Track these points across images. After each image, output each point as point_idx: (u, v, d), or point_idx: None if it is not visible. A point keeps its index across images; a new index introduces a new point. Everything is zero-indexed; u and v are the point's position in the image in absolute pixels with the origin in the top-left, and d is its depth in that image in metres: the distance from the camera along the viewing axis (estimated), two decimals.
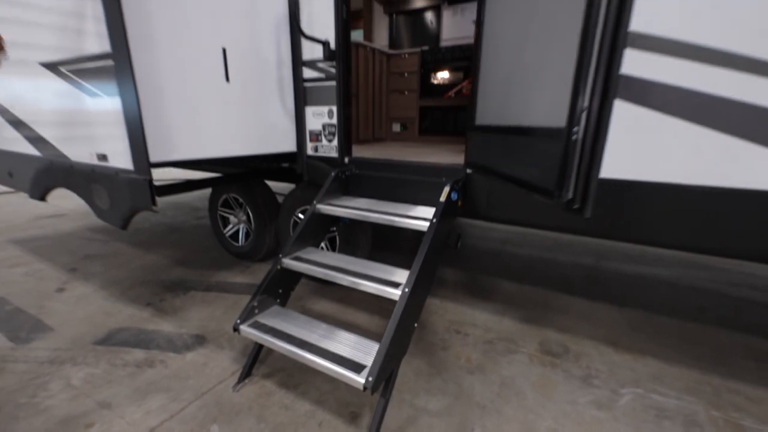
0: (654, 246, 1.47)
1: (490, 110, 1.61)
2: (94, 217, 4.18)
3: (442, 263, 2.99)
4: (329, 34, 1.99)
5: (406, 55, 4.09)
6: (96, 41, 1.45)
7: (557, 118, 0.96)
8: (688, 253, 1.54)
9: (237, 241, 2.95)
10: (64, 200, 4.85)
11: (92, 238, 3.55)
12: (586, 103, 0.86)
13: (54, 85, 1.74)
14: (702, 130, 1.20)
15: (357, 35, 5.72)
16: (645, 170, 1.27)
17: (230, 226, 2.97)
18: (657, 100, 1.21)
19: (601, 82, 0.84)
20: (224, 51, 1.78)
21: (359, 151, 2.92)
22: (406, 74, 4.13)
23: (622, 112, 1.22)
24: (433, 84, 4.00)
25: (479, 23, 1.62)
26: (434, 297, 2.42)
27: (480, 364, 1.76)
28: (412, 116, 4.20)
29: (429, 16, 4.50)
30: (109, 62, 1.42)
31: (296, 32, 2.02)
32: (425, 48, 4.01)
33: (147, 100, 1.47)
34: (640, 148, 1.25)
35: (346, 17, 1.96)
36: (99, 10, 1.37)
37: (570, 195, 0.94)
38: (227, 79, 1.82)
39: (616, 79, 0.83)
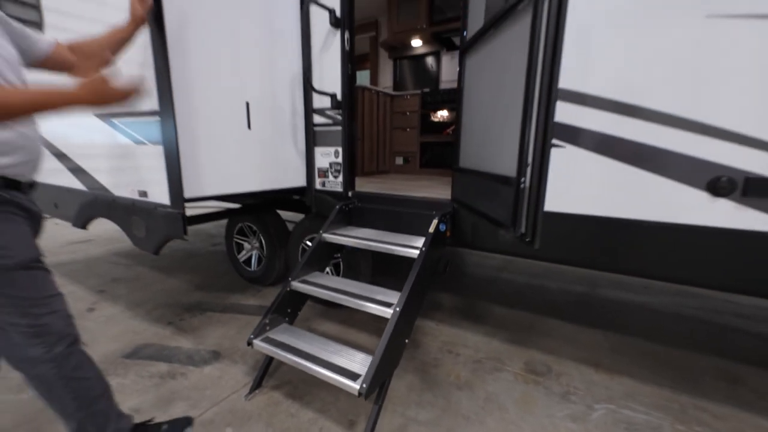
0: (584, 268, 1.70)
1: (468, 155, 1.89)
2: (119, 242, 4.52)
3: (436, 287, 3.18)
4: (336, 87, 2.33)
5: (408, 96, 4.47)
6: (146, 100, 1.78)
7: (511, 169, 1.22)
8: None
9: (250, 266, 3.20)
10: (92, 226, 5.22)
11: (117, 262, 3.85)
12: (530, 159, 1.11)
13: (106, 132, 2.08)
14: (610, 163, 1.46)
15: (364, 75, 6.21)
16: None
17: (244, 252, 3.24)
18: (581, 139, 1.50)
19: (541, 136, 1.10)
20: (247, 104, 2.11)
21: (364, 183, 3.21)
22: (408, 113, 4.49)
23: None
24: (432, 122, 4.34)
25: (460, 80, 1.93)
26: (430, 320, 2.61)
27: (468, 381, 1.93)
28: (413, 151, 4.53)
29: (429, 60, 4.92)
30: (156, 118, 1.75)
31: (308, 87, 2.37)
32: (426, 90, 4.39)
33: (184, 147, 1.78)
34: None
35: (351, 73, 2.30)
36: (151, 76, 1.71)
37: (523, 230, 1.17)
38: (249, 126, 2.15)
39: (551, 132, 1.08)
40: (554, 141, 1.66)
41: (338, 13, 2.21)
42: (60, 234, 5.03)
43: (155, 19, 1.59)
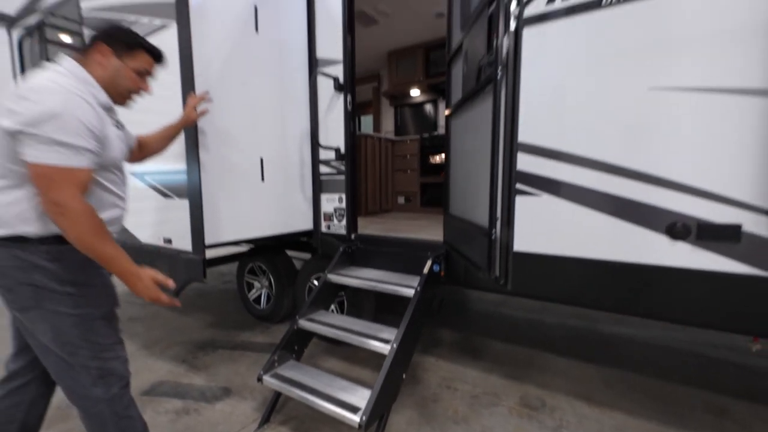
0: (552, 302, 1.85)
1: (455, 203, 2.11)
2: None
3: (437, 323, 3.30)
4: (340, 141, 2.62)
5: (408, 141, 4.81)
6: (176, 161, 2.06)
7: (484, 220, 1.43)
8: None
9: (259, 304, 3.37)
10: None
11: (133, 301, 4.04)
12: (498, 214, 1.32)
13: (139, 186, 2.36)
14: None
15: (368, 120, 6.65)
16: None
17: (254, 291, 3.42)
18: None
19: (506, 195, 1.32)
20: (262, 160, 2.39)
21: (367, 224, 3.44)
22: (408, 156, 4.81)
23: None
24: (431, 164, 4.64)
25: (447, 138, 2.20)
26: (430, 355, 2.72)
27: (465, 416, 2.03)
28: (414, 191, 4.79)
29: (428, 107, 5.32)
30: (184, 176, 2.02)
31: (315, 143, 2.66)
32: (425, 135, 4.73)
33: (206, 200, 2.03)
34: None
35: (352, 131, 2.59)
36: (181, 138, 1.99)
37: (497, 273, 1.36)
38: (263, 179, 2.42)
39: (514, 194, 1.30)
40: (530, 189, 1.88)
41: (341, 80, 2.54)
42: None
43: (185, 91, 1.91)
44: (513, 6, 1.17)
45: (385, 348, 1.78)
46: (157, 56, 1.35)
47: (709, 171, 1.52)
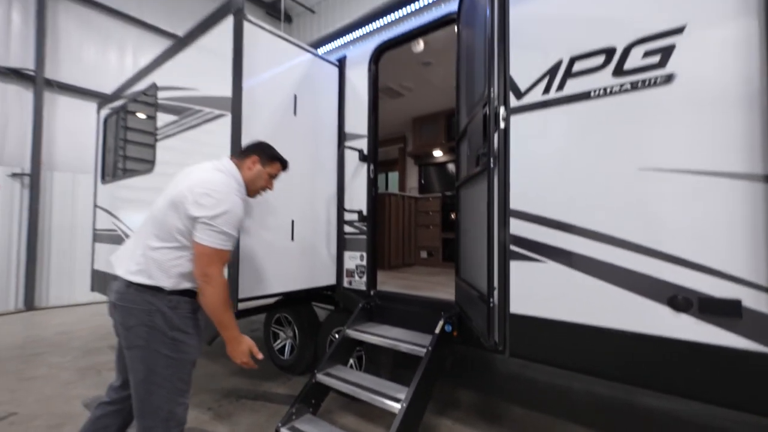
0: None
1: (464, 267, 2.25)
2: None
3: (451, 383, 3.26)
4: (362, 205, 2.89)
5: (431, 198, 5.06)
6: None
7: (484, 289, 1.57)
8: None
9: (283, 354, 3.51)
10: None
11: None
12: (495, 284, 1.46)
13: None
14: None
15: (394, 176, 7.05)
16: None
17: (279, 341, 3.58)
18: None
19: (502, 267, 1.46)
20: (293, 221, 2.69)
21: (389, 279, 3.59)
22: (430, 212, 5.04)
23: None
24: (452, 220, 4.81)
25: (457, 209, 2.40)
26: (447, 418, 2.69)
27: None
28: (436, 246, 4.94)
29: (450, 167, 5.62)
30: None
31: (341, 207, 2.96)
32: (447, 193, 4.97)
33: (243, 258, 2.31)
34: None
35: (374, 195, 2.87)
36: None
37: (496, 339, 1.47)
38: (292, 239, 2.70)
39: (509, 266, 1.45)
40: (536, 256, 2.00)
41: (365, 152, 2.88)
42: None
43: None
44: (501, 111, 1.41)
45: (395, 407, 1.86)
46: (284, 165, 1.87)
47: (706, 247, 1.60)
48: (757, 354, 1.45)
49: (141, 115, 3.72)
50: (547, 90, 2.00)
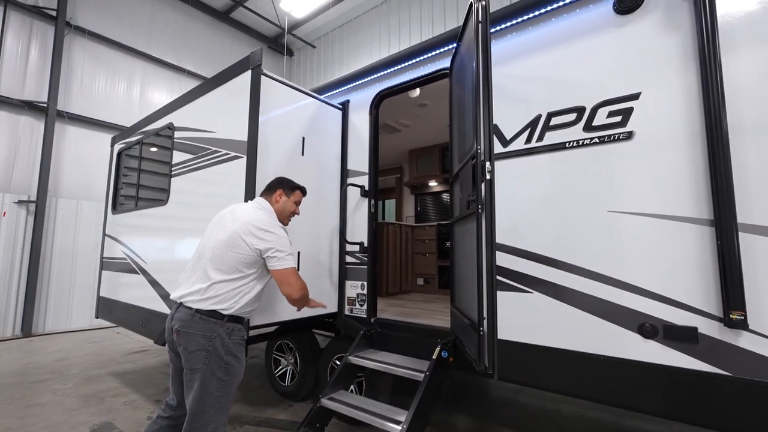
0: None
1: (458, 297, 2.47)
2: None
3: (448, 408, 3.38)
4: (363, 237, 3.12)
5: (427, 227, 5.31)
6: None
7: (474, 318, 1.78)
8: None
9: (284, 381, 3.62)
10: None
11: (169, 373, 4.37)
12: (485, 314, 1.67)
13: None
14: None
15: (390, 203, 7.31)
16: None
17: (280, 367, 3.69)
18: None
19: (490, 299, 1.68)
20: (299, 253, 2.90)
21: (387, 306, 3.76)
22: (426, 240, 5.26)
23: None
24: (447, 248, 5.04)
25: (451, 242, 2.63)
26: None
27: None
28: (432, 273, 5.14)
29: (445, 196, 5.91)
30: None
31: (343, 239, 3.18)
32: (442, 222, 5.22)
33: None
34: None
35: (374, 228, 3.10)
36: None
37: (486, 364, 1.66)
38: (298, 269, 2.89)
39: (496, 297, 1.66)
40: (523, 287, 2.23)
41: (366, 188, 3.13)
42: (122, 343, 5.75)
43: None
44: (487, 165, 1.68)
45: (396, 428, 2.02)
46: (304, 192, 2.29)
47: (668, 280, 1.84)
48: (711, 375, 1.66)
49: (157, 151, 3.97)
50: (529, 140, 2.30)
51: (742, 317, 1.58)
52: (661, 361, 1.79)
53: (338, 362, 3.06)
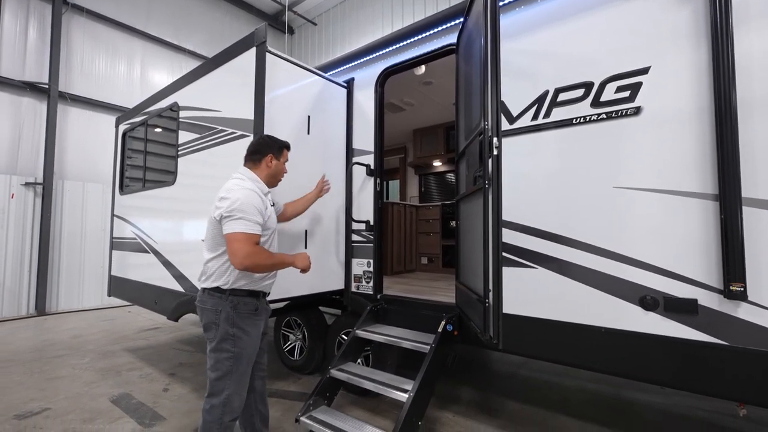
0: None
1: (463, 272, 2.52)
2: (181, 331, 5.26)
3: (453, 380, 3.50)
4: (369, 215, 3.15)
5: (431, 207, 5.33)
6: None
7: (480, 290, 1.83)
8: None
9: (293, 355, 3.74)
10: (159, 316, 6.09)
11: (182, 348, 4.52)
12: (491, 286, 1.73)
13: None
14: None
15: (395, 184, 7.32)
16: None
17: (289, 343, 3.81)
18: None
19: (495, 272, 1.73)
20: (306, 232, 2.95)
21: (392, 284, 3.84)
22: (430, 220, 5.30)
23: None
24: (451, 228, 5.08)
25: (456, 219, 2.66)
26: (448, 411, 2.94)
27: None
28: (436, 252, 5.20)
29: (449, 176, 5.90)
30: None
31: (349, 217, 3.22)
32: (445, 202, 5.25)
33: None
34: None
35: (380, 207, 3.13)
36: None
37: (491, 333, 1.72)
38: (306, 246, 2.95)
39: (501, 271, 1.71)
40: (527, 262, 2.27)
41: (372, 167, 3.15)
42: (134, 321, 5.92)
43: None
44: (495, 141, 1.69)
45: (403, 396, 2.11)
46: (289, 147, 2.12)
47: (669, 254, 1.87)
48: (710, 345, 1.72)
49: (163, 131, 3.97)
50: (535, 116, 2.29)
51: (742, 288, 1.62)
52: (661, 332, 1.85)
53: (345, 337, 3.16)
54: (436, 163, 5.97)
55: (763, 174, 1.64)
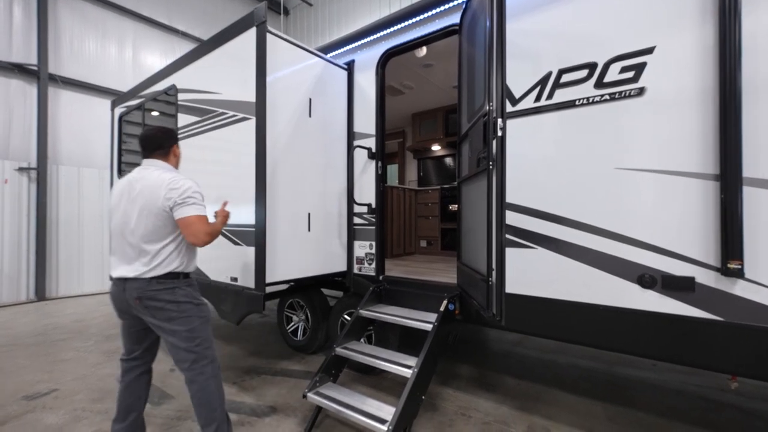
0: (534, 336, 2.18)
1: (465, 253, 2.56)
2: None
3: (458, 359, 3.60)
4: (371, 198, 3.17)
5: (430, 191, 5.35)
6: (246, 216, 2.65)
7: (484, 269, 1.87)
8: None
9: (296, 336, 3.81)
10: None
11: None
12: (493, 266, 1.76)
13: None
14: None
15: (393, 168, 7.30)
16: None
17: (292, 324, 3.88)
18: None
19: (499, 251, 1.76)
20: (309, 214, 2.97)
21: (393, 266, 3.88)
22: (429, 204, 5.33)
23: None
24: (450, 211, 5.12)
25: (459, 201, 2.69)
26: (449, 387, 3.03)
27: None
28: (435, 235, 5.25)
29: (448, 160, 5.90)
30: (252, 229, 2.59)
31: (351, 200, 3.23)
32: (444, 186, 5.26)
33: (269, 248, 2.59)
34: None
35: (382, 190, 3.15)
36: (252, 204, 2.59)
37: (494, 311, 1.77)
38: (309, 229, 2.97)
39: (504, 250, 1.75)
40: (528, 243, 2.31)
41: (373, 150, 3.15)
42: None
43: (258, 167, 2.53)
44: (499, 122, 1.70)
45: (407, 372, 2.18)
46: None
47: (668, 233, 1.92)
48: (705, 321, 1.78)
49: (160, 115, 3.92)
50: (538, 98, 2.29)
51: (740, 266, 1.67)
52: (658, 309, 1.91)
53: (348, 318, 3.22)
54: (435, 148, 5.95)
55: (765, 154, 1.67)
